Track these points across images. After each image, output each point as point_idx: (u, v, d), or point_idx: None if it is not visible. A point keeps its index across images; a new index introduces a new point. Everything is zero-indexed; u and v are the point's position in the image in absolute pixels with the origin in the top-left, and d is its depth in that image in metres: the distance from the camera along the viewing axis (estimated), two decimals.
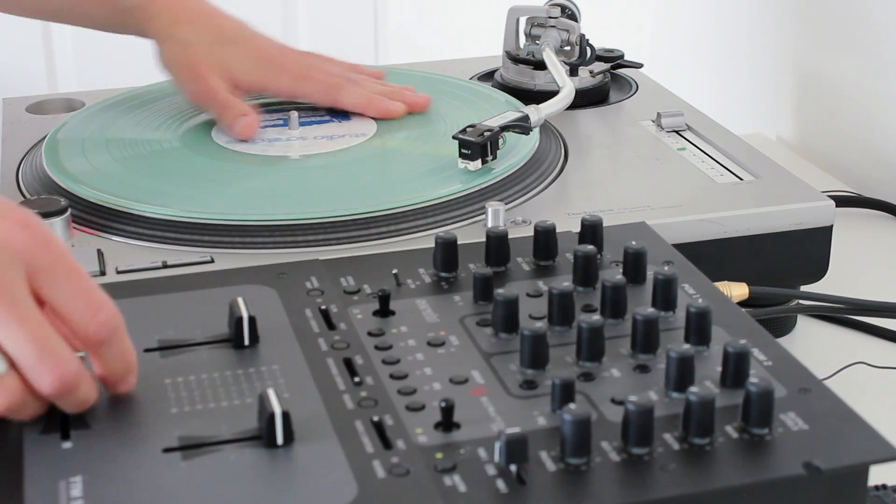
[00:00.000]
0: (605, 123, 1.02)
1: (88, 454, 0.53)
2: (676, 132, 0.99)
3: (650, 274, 0.67)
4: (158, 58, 0.98)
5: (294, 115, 0.96)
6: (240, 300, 0.63)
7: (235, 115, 0.94)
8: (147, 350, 0.61)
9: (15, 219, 0.55)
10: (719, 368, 0.59)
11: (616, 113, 1.04)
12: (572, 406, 0.53)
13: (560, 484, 0.51)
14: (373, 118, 0.97)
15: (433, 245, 0.70)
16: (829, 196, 0.86)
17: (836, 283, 0.88)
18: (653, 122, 1.01)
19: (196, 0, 0.99)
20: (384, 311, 0.65)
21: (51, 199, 0.80)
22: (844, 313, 0.86)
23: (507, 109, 0.91)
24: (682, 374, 0.57)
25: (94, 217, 0.82)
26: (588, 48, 1.05)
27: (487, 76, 1.13)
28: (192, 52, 0.96)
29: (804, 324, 0.89)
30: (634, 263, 0.68)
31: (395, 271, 0.69)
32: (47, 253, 0.55)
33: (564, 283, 0.64)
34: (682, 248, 0.75)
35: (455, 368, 0.60)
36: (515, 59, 1.08)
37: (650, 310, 0.61)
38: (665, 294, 0.65)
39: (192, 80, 0.96)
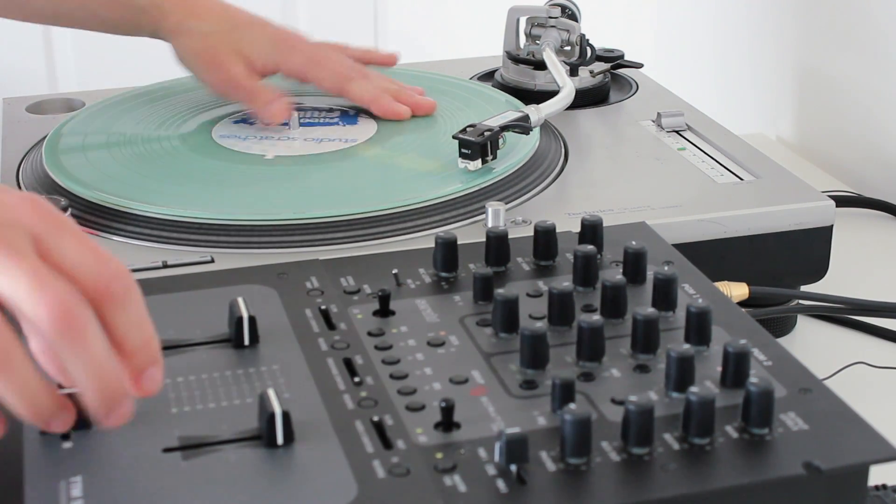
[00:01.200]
0: (605, 123, 1.02)
1: (88, 454, 0.53)
2: (676, 132, 0.99)
3: (650, 274, 0.67)
4: (175, 53, 0.98)
5: (295, 115, 0.96)
6: (240, 300, 0.63)
7: (266, 101, 0.95)
8: None
9: (19, 194, 0.54)
10: (719, 368, 0.59)
11: (616, 113, 1.04)
12: (572, 406, 0.53)
13: (560, 484, 0.51)
14: (375, 117, 0.97)
15: (433, 245, 0.70)
16: (829, 196, 0.86)
17: (836, 283, 0.88)
18: (653, 122, 1.01)
19: None
20: (384, 311, 0.65)
21: (51, 199, 0.80)
22: (844, 313, 0.86)
23: (507, 109, 0.91)
24: (682, 374, 0.57)
25: (94, 217, 0.82)
26: (588, 48, 1.05)
27: (487, 76, 1.13)
28: (210, 41, 0.96)
29: (804, 324, 0.89)
30: (634, 263, 0.68)
31: (395, 271, 0.69)
32: (52, 219, 0.53)
33: (564, 283, 0.64)
34: (682, 248, 0.75)
35: (455, 368, 0.60)
36: (515, 59, 1.08)
37: (650, 310, 0.61)
38: (665, 294, 0.65)
39: (213, 70, 0.96)
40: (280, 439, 0.54)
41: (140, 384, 0.53)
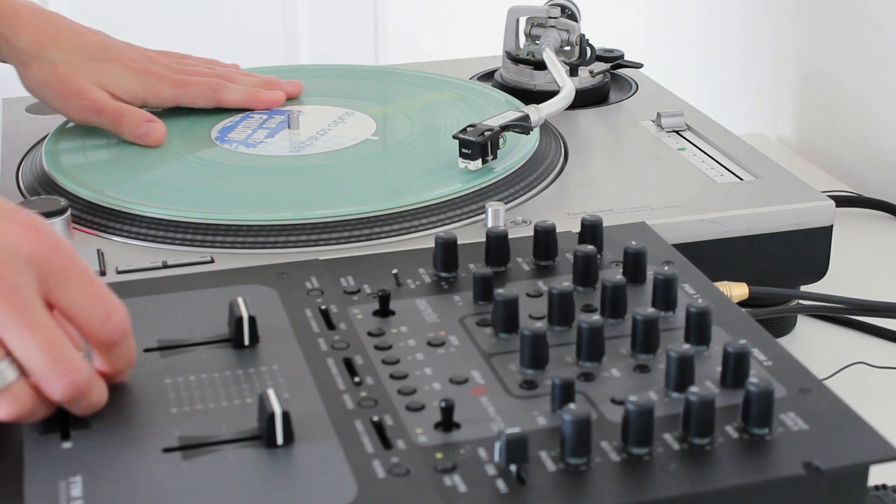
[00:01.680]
0: (605, 123, 1.02)
1: (88, 454, 0.53)
2: (676, 132, 0.99)
3: (650, 274, 0.67)
4: (25, 81, 0.93)
5: (295, 114, 0.96)
6: (240, 300, 0.63)
7: (139, 122, 0.92)
8: (147, 350, 0.61)
9: (25, 223, 0.55)
10: (719, 368, 0.59)
11: (616, 113, 1.04)
12: (572, 406, 0.53)
13: (560, 484, 0.51)
14: (374, 117, 0.97)
15: (433, 245, 0.70)
16: (829, 196, 0.86)
17: (836, 283, 0.88)
18: (653, 122, 1.01)
19: (54, 17, 0.94)
20: (384, 311, 0.65)
21: (51, 199, 0.80)
22: (844, 313, 0.86)
23: (507, 109, 0.91)
24: (682, 374, 0.57)
25: (94, 217, 0.82)
26: (588, 48, 1.05)
27: (487, 76, 1.13)
28: (64, 70, 0.92)
29: (804, 324, 0.89)
30: (634, 263, 0.68)
31: (395, 271, 0.69)
32: (58, 257, 0.55)
33: (564, 283, 0.64)
34: (682, 248, 0.75)
35: (455, 368, 0.60)
36: (515, 59, 1.08)
37: (650, 310, 0.61)
38: (665, 294, 0.65)
39: (71, 97, 0.92)
40: (280, 439, 0.54)
41: (114, 380, 0.58)
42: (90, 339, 0.56)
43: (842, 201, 1.06)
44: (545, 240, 0.71)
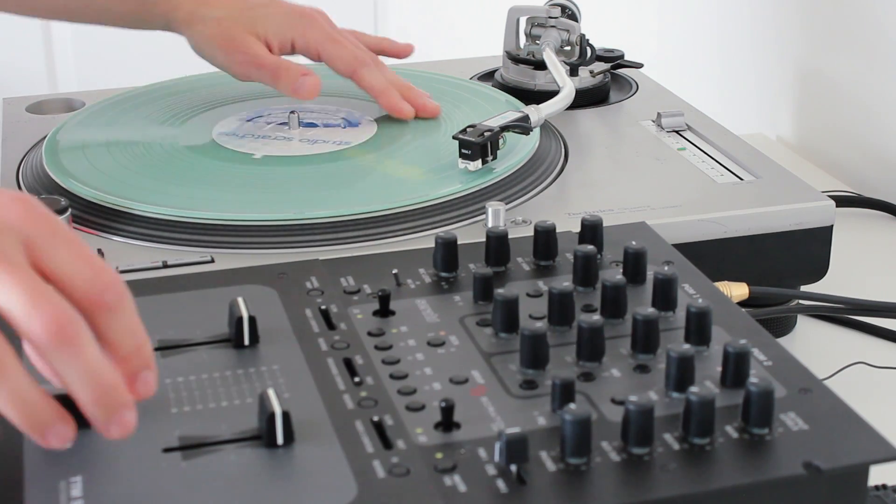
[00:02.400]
0: (605, 123, 1.02)
1: (88, 454, 0.53)
2: (676, 132, 0.99)
3: (650, 274, 0.67)
4: (191, 43, 0.97)
5: (294, 116, 0.96)
6: (240, 300, 0.63)
7: (295, 77, 0.94)
8: None
9: (10, 195, 0.53)
10: (719, 368, 0.59)
11: (616, 113, 1.04)
12: (572, 406, 0.53)
13: (560, 484, 0.51)
14: (377, 122, 0.97)
15: (433, 245, 0.70)
16: (829, 196, 0.86)
17: (836, 283, 0.88)
18: (653, 122, 1.01)
19: None
20: (384, 311, 0.65)
21: (51, 199, 0.80)
22: (844, 313, 0.86)
23: (507, 109, 0.91)
24: (682, 374, 0.57)
25: (94, 217, 0.82)
26: (588, 48, 1.05)
27: (487, 76, 1.13)
28: (226, 25, 0.95)
29: (804, 324, 0.89)
30: (634, 263, 0.68)
31: (395, 271, 0.69)
32: (46, 224, 0.53)
33: (564, 283, 0.64)
34: (682, 248, 0.75)
35: (455, 368, 0.60)
36: (515, 59, 1.08)
37: (650, 310, 0.61)
38: (665, 294, 0.65)
39: (233, 53, 0.95)
40: (280, 439, 0.54)
41: (134, 388, 0.53)
42: (82, 301, 0.52)
43: (842, 201, 1.06)
44: (545, 240, 0.71)
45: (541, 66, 1.05)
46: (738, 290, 0.81)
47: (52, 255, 0.52)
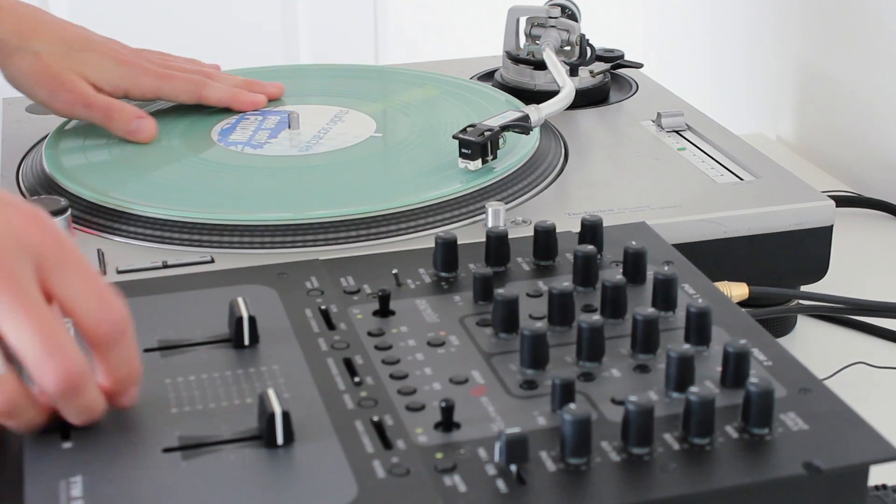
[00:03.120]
0: (605, 123, 1.02)
1: (88, 454, 0.53)
2: (676, 132, 0.99)
3: (650, 274, 0.67)
4: (6, 73, 0.92)
5: (294, 116, 0.96)
6: (240, 300, 0.63)
7: (130, 119, 0.92)
8: (147, 350, 0.61)
9: (26, 212, 0.54)
10: (719, 368, 0.59)
11: (616, 113, 1.04)
12: (572, 406, 0.53)
13: (560, 484, 0.51)
14: (374, 118, 0.97)
15: (433, 245, 0.70)
16: (829, 196, 0.86)
17: (836, 283, 0.88)
18: (653, 122, 1.01)
19: (34, 9, 0.94)
20: (384, 311, 0.65)
21: (51, 199, 0.80)
22: (844, 313, 0.86)
23: (507, 109, 0.91)
24: (682, 374, 0.57)
25: (94, 217, 0.82)
26: (588, 48, 1.05)
27: (487, 76, 1.13)
28: (47, 61, 0.91)
29: (804, 324, 0.89)
30: (634, 263, 0.68)
31: (395, 271, 0.69)
32: (58, 247, 0.54)
33: (564, 283, 0.64)
34: (682, 248, 0.75)
35: (455, 368, 0.60)
36: (515, 59, 1.08)
37: (650, 310, 0.61)
38: (665, 294, 0.65)
39: (57, 90, 0.91)
40: (280, 439, 0.54)
41: (118, 401, 0.56)
42: (86, 333, 0.54)
43: (842, 201, 1.06)
44: (545, 240, 0.71)
45: (541, 66, 1.05)
46: (738, 290, 0.81)
47: (61, 281, 0.54)
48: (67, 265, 0.54)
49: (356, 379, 0.59)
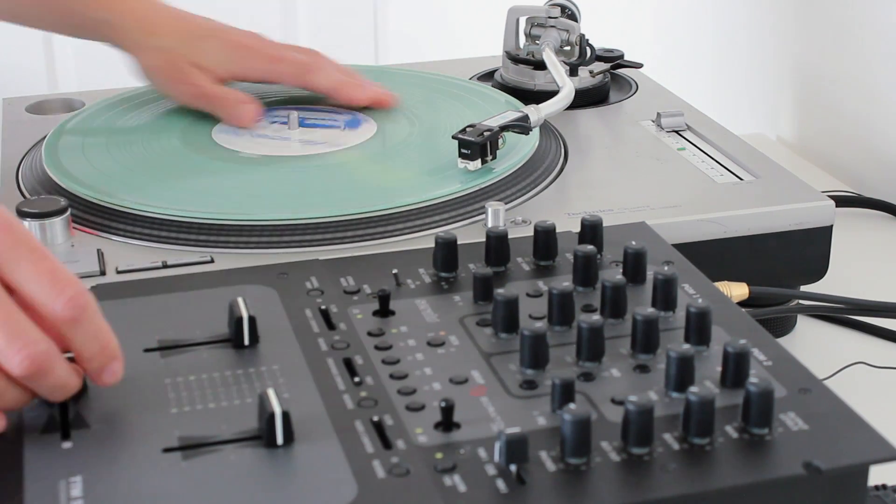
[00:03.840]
0: (605, 123, 1.02)
1: (88, 454, 0.53)
2: (676, 132, 0.99)
3: (650, 274, 0.67)
4: (136, 68, 0.98)
5: (294, 115, 0.96)
6: (240, 300, 0.63)
7: (234, 104, 0.95)
8: (147, 350, 0.61)
9: None
10: (719, 368, 0.59)
11: (616, 113, 1.04)
12: (572, 406, 0.53)
13: (560, 484, 0.51)
14: (377, 121, 0.97)
15: (433, 245, 0.70)
16: (829, 196, 0.86)
17: (836, 283, 0.88)
18: (653, 122, 1.01)
19: (160, 5, 0.99)
20: (384, 311, 0.65)
21: (51, 199, 0.80)
22: (844, 313, 0.86)
23: (507, 109, 0.91)
24: (682, 374, 0.57)
25: (94, 217, 0.82)
26: (588, 48, 1.05)
27: (487, 76, 1.13)
28: (170, 56, 0.96)
29: (804, 324, 0.89)
30: (634, 263, 0.68)
31: (395, 271, 0.69)
32: (8, 236, 0.54)
33: (564, 283, 0.64)
34: (682, 248, 0.75)
35: (455, 368, 0.60)
36: (515, 59, 1.08)
37: (650, 310, 0.61)
38: (665, 294, 0.65)
39: (177, 83, 0.97)
40: (280, 439, 0.54)
41: (101, 378, 0.57)
42: (46, 317, 0.55)
43: (842, 201, 1.06)
44: (545, 240, 0.71)
45: (540, 66, 1.05)
46: (738, 290, 0.81)
47: (13, 268, 0.54)
48: (19, 252, 0.54)
49: (356, 379, 0.59)
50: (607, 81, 1.08)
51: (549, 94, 0.98)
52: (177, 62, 0.96)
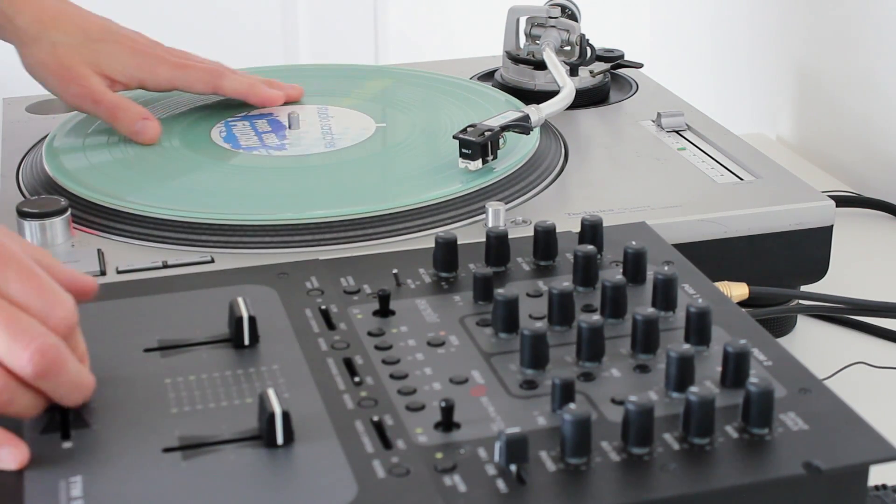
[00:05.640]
0: (605, 123, 1.02)
1: (88, 454, 0.53)
2: (676, 132, 0.99)
3: (650, 274, 0.67)
4: (24, 61, 0.93)
5: (297, 114, 0.96)
6: (240, 300, 0.63)
7: (135, 119, 0.91)
8: (147, 350, 0.61)
9: None
10: (719, 368, 0.59)
11: (616, 113, 1.04)
12: (572, 406, 0.53)
13: (560, 484, 0.51)
14: (373, 118, 0.97)
15: (433, 245, 0.70)
16: (829, 196, 0.86)
17: (836, 283, 0.88)
18: (653, 122, 1.01)
19: (66, 2, 0.94)
20: (384, 311, 0.65)
21: (51, 199, 0.80)
22: (844, 313, 0.86)
23: (507, 109, 0.91)
24: (682, 374, 0.57)
25: (94, 217, 0.82)
26: (588, 48, 1.05)
27: (487, 76, 1.13)
28: (63, 52, 0.91)
29: (804, 324, 0.89)
30: (634, 263, 0.68)
31: (395, 271, 0.69)
32: None
33: (564, 283, 0.64)
34: (682, 248, 0.75)
35: (455, 368, 0.60)
36: (515, 59, 1.08)
37: (650, 310, 0.61)
38: (665, 294, 0.65)
39: (69, 83, 0.91)
40: (280, 439, 0.54)
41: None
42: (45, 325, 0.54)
43: (842, 201, 1.06)
44: (545, 240, 0.71)
45: (541, 66, 1.05)
46: (738, 290, 0.81)
47: (5, 288, 0.54)
48: (6, 266, 0.54)
49: (356, 379, 0.59)
50: (607, 81, 1.08)
51: (549, 94, 0.98)
52: (69, 60, 0.91)
